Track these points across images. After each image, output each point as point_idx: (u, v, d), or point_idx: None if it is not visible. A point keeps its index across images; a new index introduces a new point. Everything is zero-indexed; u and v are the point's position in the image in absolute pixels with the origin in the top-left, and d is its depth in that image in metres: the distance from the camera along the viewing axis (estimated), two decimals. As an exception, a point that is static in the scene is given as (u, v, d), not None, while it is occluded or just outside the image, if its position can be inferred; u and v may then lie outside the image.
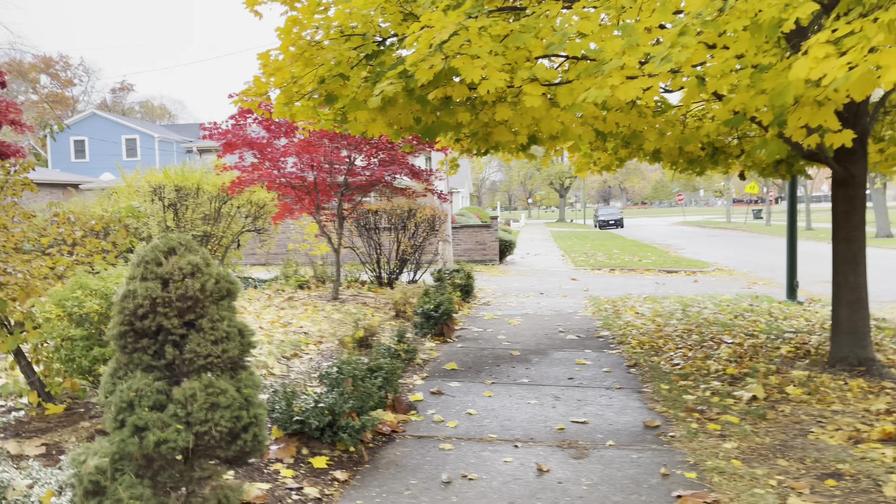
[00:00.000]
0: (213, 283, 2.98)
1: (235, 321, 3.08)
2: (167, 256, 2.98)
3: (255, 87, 5.85)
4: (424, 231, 12.17)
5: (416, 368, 6.24)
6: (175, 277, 2.92)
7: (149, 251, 2.99)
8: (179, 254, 3.00)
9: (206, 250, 3.10)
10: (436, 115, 5.89)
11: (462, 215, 27.22)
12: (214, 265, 3.09)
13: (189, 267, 2.95)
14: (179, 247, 3.02)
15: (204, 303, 2.97)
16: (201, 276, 2.97)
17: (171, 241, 3.01)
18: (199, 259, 3.00)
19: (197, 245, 3.10)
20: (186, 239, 3.07)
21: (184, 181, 11.54)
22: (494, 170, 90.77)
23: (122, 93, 74.70)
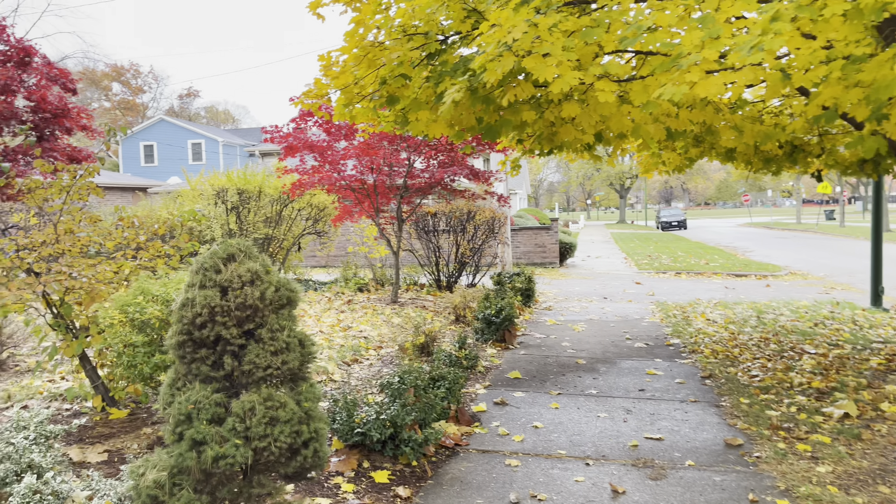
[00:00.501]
0: (272, 291, 2.86)
1: (296, 331, 2.95)
2: (226, 263, 2.87)
3: (315, 89, 5.78)
4: (483, 234, 11.97)
5: (477, 377, 6.04)
6: (234, 285, 2.80)
7: (207, 258, 2.89)
8: (239, 261, 2.88)
9: (266, 257, 2.97)
10: (499, 114, 5.68)
11: (520, 217, 26.90)
12: (274, 272, 2.97)
13: (248, 274, 2.83)
14: (239, 253, 2.90)
15: (263, 312, 2.85)
16: (261, 284, 2.84)
17: (231, 248, 2.90)
18: (258, 266, 2.88)
19: (257, 251, 2.98)
20: (246, 245, 2.95)
21: (246, 184, 11.66)
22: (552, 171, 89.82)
23: (189, 99, 77.14)
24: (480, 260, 12.32)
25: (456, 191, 11.35)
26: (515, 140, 7.47)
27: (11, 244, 4.18)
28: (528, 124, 6.11)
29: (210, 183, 11.90)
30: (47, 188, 4.48)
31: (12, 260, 4.12)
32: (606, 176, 64.99)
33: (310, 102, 5.84)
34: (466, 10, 5.61)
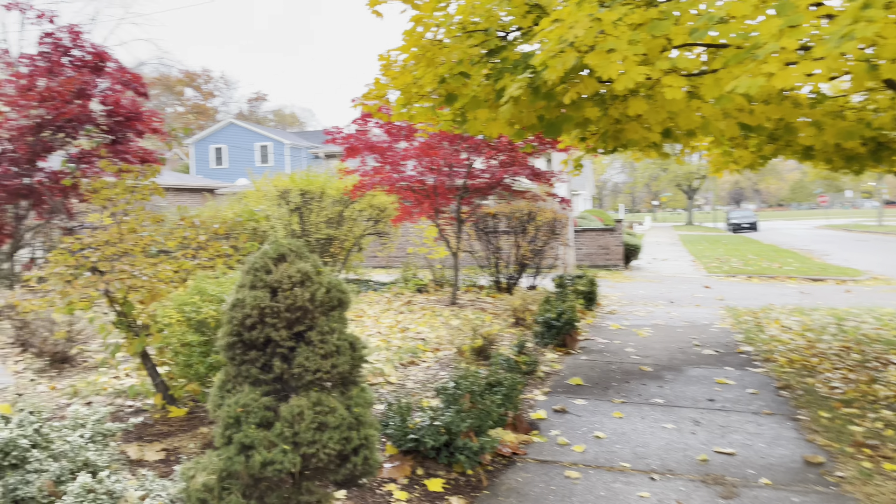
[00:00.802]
0: (323, 292, 2.78)
1: (346, 333, 2.86)
2: (277, 264, 2.81)
3: (375, 89, 5.72)
4: (545, 235, 11.74)
5: (537, 382, 5.87)
6: (284, 286, 2.73)
7: (258, 258, 2.83)
8: (289, 261, 2.82)
9: (317, 257, 2.90)
10: (560, 111, 5.49)
11: (583, 218, 26.42)
12: (326, 273, 2.89)
13: (298, 275, 2.76)
14: (290, 254, 2.84)
15: (313, 314, 2.77)
16: (311, 286, 2.77)
17: (282, 248, 2.84)
18: (309, 267, 2.80)
19: (308, 252, 2.91)
20: (297, 245, 2.88)
21: (308, 185, 11.78)
22: (617, 171, 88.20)
23: (257, 102, 79.30)
24: (541, 262, 12.09)
25: (516, 191, 11.16)
26: (578, 138, 7.26)
27: (76, 243, 4.26)
28: (591, 121, 5.91)
29: (274, 184, 12.08)
30: (111, 188, 4.56)
31: (77, 259, 4.20)
32: (673, 176, 63.33)
33: (370, 104, 5.79)
34: (528, 5, 5.46)
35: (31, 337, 6.30)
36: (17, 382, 5.55)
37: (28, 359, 6.36)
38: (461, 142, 9.98)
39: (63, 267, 4.09)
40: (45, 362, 6.02)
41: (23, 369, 6.04)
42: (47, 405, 4.94)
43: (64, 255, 4.22)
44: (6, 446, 2.86)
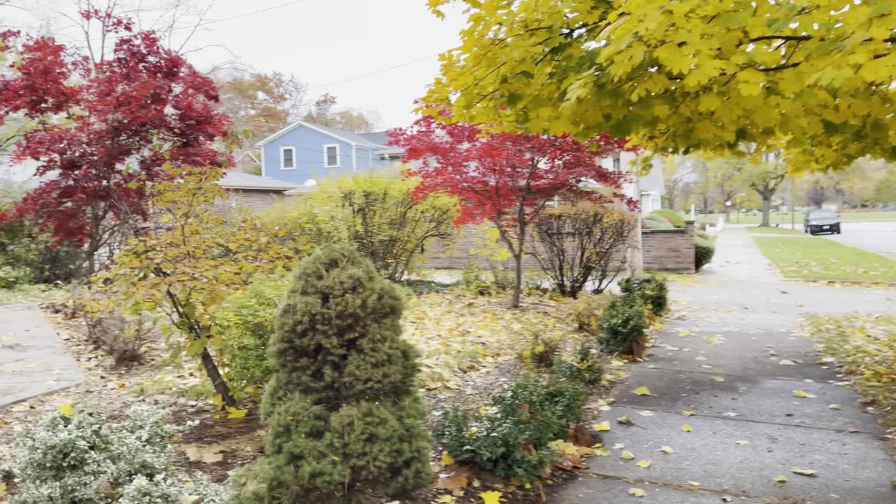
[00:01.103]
0: (374, 299, 2.69)
1: (399, 341, 2.77)
2: (328, 269, 2.74)
3: (435, 91, 5.63)
4: (611, 237, 11.41)
5: (600, 391, 5.65)
6: (335, 292, 2.66)
7: (310, 263, 2.77)
8: (341, 266, 2.74)
9: (370, 262, 2.82)
10: (628, 109, 5.27)
11: (652, 219, 25.71)
12: (378, 279, 2.80)
13: (350, 281, 2.68)
14: (342, 258, 2.76)
15: (365, 321, 2.69)
16: (363, 292, 2.69)
17: (334, 253, 2.77)
18: (361, 272, 2.72)
19: (360, 256, 2.83)
20: (350, 250, 2.81)
21: (371, 186, 11.83)
22: (688, 171, 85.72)
23: (325, 105, 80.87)
24: (607, 265, 11.77)
25: (582, 192, 10.90)
26: (646, 137, 7.00)
27: (140, 245, 4.33)
28: (660, 120, 5.65)
29: (338, 185, 12.20)
30: (174, 191, 4.62)
31: (141, 260, 4.26)
32: (748, 176, 61.06)
33: (432, 106, 5.70)
34: (593, 0, 5.26)
35: (104, 335, 6.50)
36: (88, 380, 5.72)
37: (100, 356, 6.57)
38: (525, 142, 9.80)
39: (128, 269, 4.16)
40: (116, 360, 6.19)
41: (95, 366, 6.24)
42: (114, 403, 5.06)
43: (129, 257, 4.30)
44: (65, 447, 2.90)
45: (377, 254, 12.09)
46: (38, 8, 67.23)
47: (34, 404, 5.01)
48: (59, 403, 5.02)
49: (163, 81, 11.20)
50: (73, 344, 7.25)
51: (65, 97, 11.19)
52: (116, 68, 11.37)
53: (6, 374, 5.79)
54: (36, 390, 5.31)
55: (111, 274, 4.24)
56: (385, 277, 12.34)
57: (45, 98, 11.07)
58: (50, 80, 10.94)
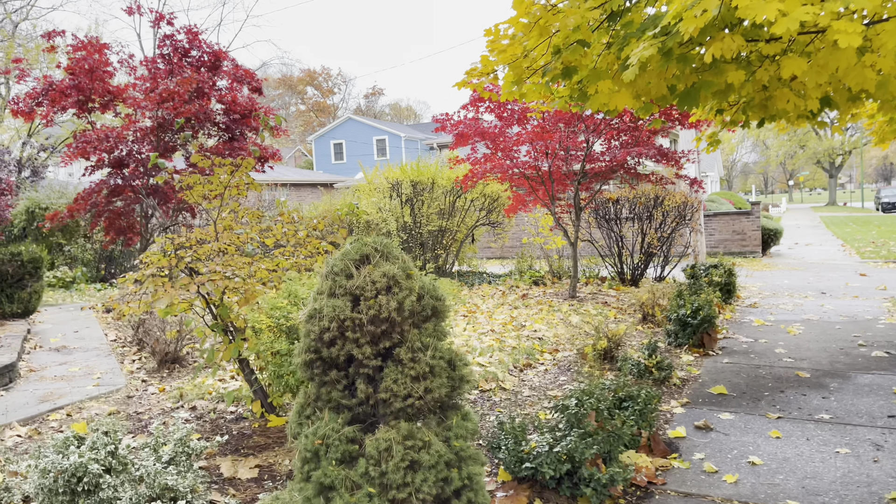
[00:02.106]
0: (412, 300, 2.28)
1: (443, 349, 2.35)
2: (359, 267, 2.34)
3: (480, 66, 5.17)
4: (673, 221, 10.75)
5: (672, 391, 5.13)
6: (367, 294, 2.26)
7: (338, 260, 2.37)
8: (374, 263, 2.34)
9: (407, 257, 2.41)
10: (697, 77, 4.72)
11: (712, 201, 24.63)
12: (418, 276, 2.39)
13: (384, 280, 2.27)
14: (374, 254, 2.36)
15: (402, 326, 2.28)
16: (399, 293, 2.28)
17: (365, 248, 2.36)
18: (396, 270, 2.31)
19: (398, 251, 2.42)
20: (385, 244, 2.40)
21: (418, 176, 11.45)
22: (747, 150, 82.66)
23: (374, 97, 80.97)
24: (670, 250, 11.11)
25: (640, 175, 10.27)
26: (714, 111, 6.40)
27: (169, 243, 4.03)
28: (733, 89, 5.07)
29: (385, 176, 11.86)
30: (204, 185, 4.31)
31: (170, 259, 3.97)
32: (812, 153, 58.36)
33: (475, 82, 5.23)
34: (656, -44, 4.73)
35: (146, 336, 6.31)
36: (129, 384, 5.51)
37: (144, 358, 6.38)
38: (578, 122, 9.25)
39: (155, 268, 3.86)
40: (158, 362, 5.98)
41: (137, 369, 6.04)
42: (151, 410, 4.82)
43: (157, 256, 4.00)
44: (77, 471, 2.59)
45: (426, 245, 11.72)
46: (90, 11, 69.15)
47: (71, 412, 4.81)
48: (97, 411, 4.80)
49: (206, 76, 11.05)
50: (119, 345, 7.10)
51: (111, 96, 11.14)
52: (161, 65, 11.27)
53: (47, 380, 5.64)
54: (74, 396, 5.12)
55: (139, 275, 3.96)
56: (434, 269, 11.97)
57: (91, 97, 11.04)
58: (96, 79, 10.90)
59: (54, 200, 15.12)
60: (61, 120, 17.83)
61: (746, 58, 4.94)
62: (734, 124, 6.52)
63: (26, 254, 8.37)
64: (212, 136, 11.66)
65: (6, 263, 8.03)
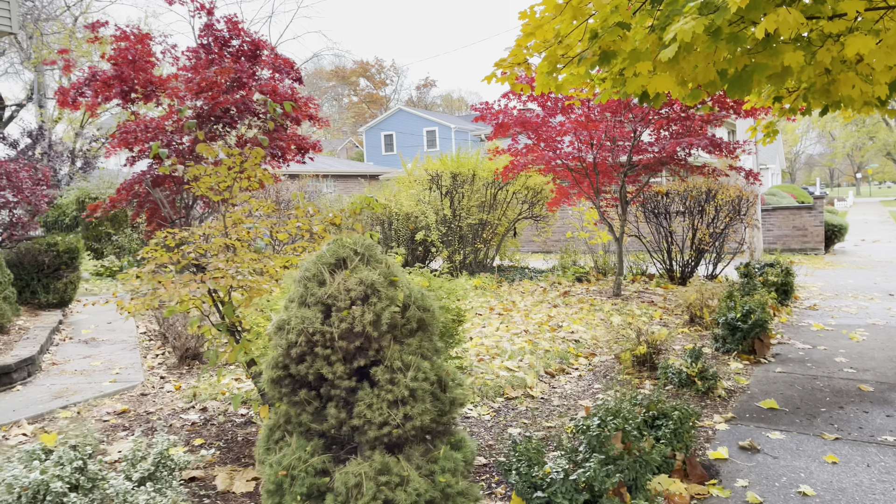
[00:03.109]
0: (393, 312, 1.97)
1: (427, 368, 2.03)
2: (334, 271, 2.04)
3: (512, 55, 4.79)
4: (727, 215, 10.13)
5: (716, 403, 4.69)
6: (339, 304, 1.96)
7: (311, 264, 2.08)
8: (351, 267, 2.04)
9: (392, 261, 2.10)
10: (750, 59, 4.25)
11: (772, 195, 23.53)
12: (405, 283, 2.07)
13: (360, 288, 1.97)
14: (352, 257, 2.05)
15: (380, 342, 1.97)
16: (377, 303, 1.97)
17: (342, 250, 2.06)
18: (376, 276, 2.00)
19: (381, 253, 2.11)
20: (367, 245, 2.09)
21: (459, 167, 11.12)
22: (812, 142, 79.34)
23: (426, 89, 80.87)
24: (723, 246, 10.49)
25: (692, 167, 9.70)
26: (771, 98, 5.89)
27: (170, 238, 3.82)
28: (791, 72, 4.57)
29: (425, 167, 11.57)
30: (212, 175, 4.09)
31: (171, 256, 3.75)
32: (882, 145, 55.55)
33: (506, 73, 4.85)
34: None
35: (169, 330, 6.18)
36: (146, 381, 5.37)
37: (168, 352, 6.26)
38: (625, 111, 8.76)
39: (155, 265, 3.65)
40: (178, 358, 5.84)
41: (158, 364, 5.92)
42: (163, 410, 4.65)
43: (159, 252, 3.80)
44: (38, 489, 2.38)
45: (466, 238, 11.39)
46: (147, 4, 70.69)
47: (82, 409, 4.68)
48: (108, 409, 4.66)
49: (245, 65, 10.94)
50: (147, 338, 7.03)
51: (153, 86, 11.16)
52: (202, 55, 11.23)
53: (67, 374, 5.55)
54: (89, 393, 5.00)
55: (139, 270, 3.76)
56: (473, 263, 11.64)
57: (134, 88, 11.07)
58: (138, 69, 10.91)
59: (103, 190, 15.38)
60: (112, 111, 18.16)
61: (807, 38, 4.46)
62: (793, 112, 6.00)
63: (62, 244, 8.39)
64: (252, 127, 11.57)
65: (42, 254, 8.07)
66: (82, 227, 15.20)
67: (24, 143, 16.45)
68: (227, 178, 4.12)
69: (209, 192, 4.15)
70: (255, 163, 4.18)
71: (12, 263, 7.93)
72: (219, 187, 4.14)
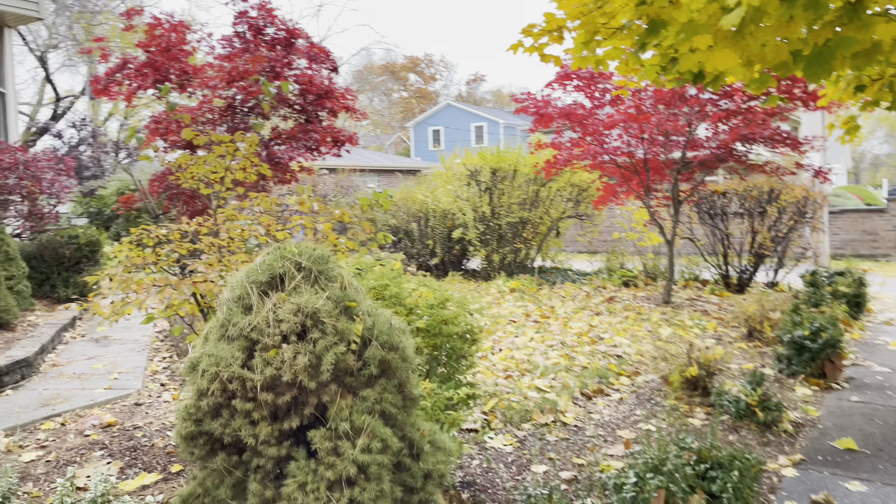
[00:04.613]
0: (339, 354, 1.42)
1: (387, 434, 1.46)
2: (266, 293, 1.49)
3: (543, 23, 4.16)
4: (791, 217, 9.26)
5: (781, 441, 4.00)
6: (265, 339, 1.41)
7: (238, 281, 1.53)
8: (289, 287, 1.49)
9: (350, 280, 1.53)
10: (833, 31, 3.54)
11: (837, 196, 22.13)
12: (366, 310, 1.51)
13: (295, 319, 1.45)
14: (293, 273, 1.52)
15: (320, 395, 1.44)
16: (319, 340, 1.43)
17: (279, 263, 1.51)
18: (321, 302, 1.47)
19: (337, 269, 1.55)
20: (317, 256, 1.57)
21: (499, 162, 10.51)
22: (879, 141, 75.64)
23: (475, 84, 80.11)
24: (785, 251, 9.62)
25: (753, 164, 8.88)
26: (852, 86, 5.13)
27: (146, 235, 3.36)
28: (881, 49, 3.84)
29: (463, 162, 11.00)
30: (199, 165, 3.60)
31: (145, 256, 3.28)
32: (957, 144, 52.31)
33: (534, 44, 4.20)
34: None
35: (176, 332, 5.77)
36: (145, 388, 4.96)
37: (176, 355, 5.87)
38: (680, 102, 8.02)
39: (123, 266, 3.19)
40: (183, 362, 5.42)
41: (163, 368, 5.52)
42: (152, 424, 4.21)
43: (135, 251, 3.33)
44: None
45: (505, 237, 10.77)
46: None
47: (67, 420, 4.28)
48: (94, 421, 4.25)
49: (280, 54, 10.55)
50: (161, 338, 6.66)
51: (187, 76, 10.87)
52: (237, 43, 10.89)
53: (64, 377, 5.19)
54: (79, 401, 4.60)
55: (112, 272, 3.30)
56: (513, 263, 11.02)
57: (168, 77, 10.80)
58: (172, 58, 10.63)
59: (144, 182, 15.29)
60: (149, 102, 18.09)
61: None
62: (874, 105, 5.22)
63: (83, 237, 8.14)
64: (287, 119, 11.19)
65: (63, 247, 7.82)
66: (122, 219, 15.15)
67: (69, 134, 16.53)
68: (217, 167, 3.63)
69: (198, 183, 3.67)
70: (250, 151, 3.67)
71: (32, 255, 7.70)
72: (209, 178, 3.66)
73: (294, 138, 10.91)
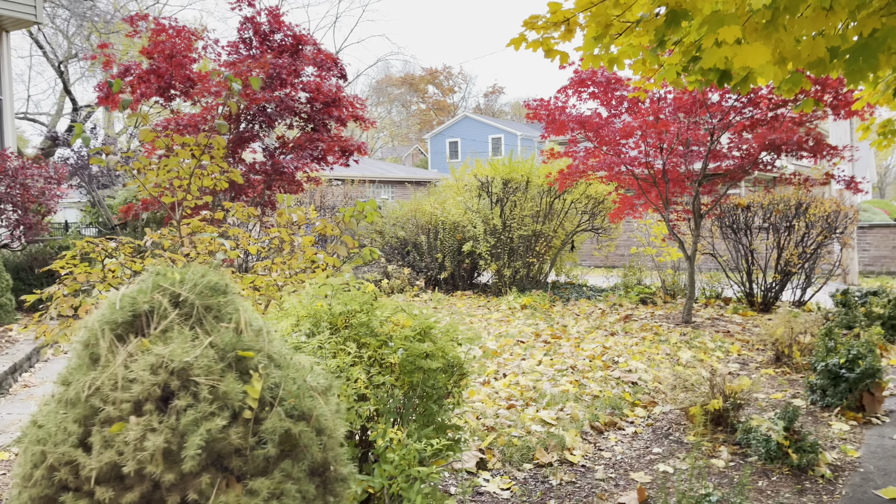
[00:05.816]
0: (215, 430, 0.98)
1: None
2: (124, 337, 1.07)
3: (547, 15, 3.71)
4: (820, 233, 8.72)
5: (817, 487, 3.50)
6: (108, 409, 0.99)
7: (92, 321, 1.10)
8: (157, 330, 1.06)
9: (256, 319, 1.09)
10: (880, 20, 3.08)
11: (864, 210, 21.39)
12: (278, 356, 1.09)
13: (153, 379, 1.00)
14: (165, 310, 1.09)
15: (185, 490, 0.99)
16: (189, 410, 1.01)
17: (143, 298, 1.08)
18: (196, 353, 1.02)
19: (233, 302, 1.12)
20: (205, 284, 1.14)
21: (511, 173, 10.08)
22: (906, 154, 74.02)
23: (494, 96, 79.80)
24: (813, 268, 9.06)
25: (779, 176, 8.36)
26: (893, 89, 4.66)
27: (91, 247, 2.97)
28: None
29: (474, 173, 10.58)
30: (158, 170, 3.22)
31: (88, 273, 2.89)
32: None
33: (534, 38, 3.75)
34: None
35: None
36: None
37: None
38: (701, 109, 7.54)
39: (64, 286, 2.80)
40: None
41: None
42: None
43: (80, 267, 2.94)
44: None
45: (516, 251, 10.31)
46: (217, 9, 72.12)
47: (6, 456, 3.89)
48: (50, 451, 3.84)
49: (286, 61, 10.24)
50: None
51: (191, 83, 10.59)
52: (243, 50, 10.61)
53: (33, 399, 4.82)
54: (40, 427, 4.20)
55: (56, 290, 2.91)
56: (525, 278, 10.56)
57: (172, 84, 10.53)
58: (176, 64, 10.36)
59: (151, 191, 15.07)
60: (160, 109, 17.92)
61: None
62: (919, 107, 4.74)
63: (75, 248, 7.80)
64: (293, 127, 10.87)
65: (52, 257, 7.49)
66: (129, 228, 14.91)
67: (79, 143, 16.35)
68: (181, 172, 3.24)
69: (160, 189, 3.28)
70: (218, 154, 3.28)
71: (21, 267, 7.38)
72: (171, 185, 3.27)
73: (300, 147, 10.58)
